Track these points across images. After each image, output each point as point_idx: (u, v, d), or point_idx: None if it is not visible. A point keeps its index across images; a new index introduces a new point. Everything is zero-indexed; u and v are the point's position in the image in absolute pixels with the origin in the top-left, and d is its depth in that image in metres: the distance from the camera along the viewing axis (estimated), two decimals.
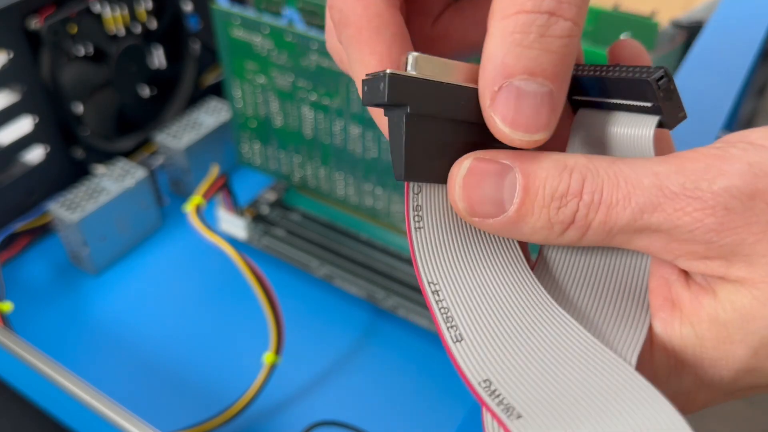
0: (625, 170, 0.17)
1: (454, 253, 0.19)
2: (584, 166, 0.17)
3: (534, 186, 0.17)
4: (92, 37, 0.49)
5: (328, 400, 0.40)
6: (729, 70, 0.35)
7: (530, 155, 0.17)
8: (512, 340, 0.18)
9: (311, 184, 0.49)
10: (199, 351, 0.43)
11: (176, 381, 0.41)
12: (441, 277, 0.19)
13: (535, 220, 0.17)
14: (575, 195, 0.17)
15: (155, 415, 0.38)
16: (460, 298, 0.19)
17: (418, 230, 0.19)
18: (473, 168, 0.18)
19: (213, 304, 0.46)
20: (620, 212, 0.16)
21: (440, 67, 0.18)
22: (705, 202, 0.16)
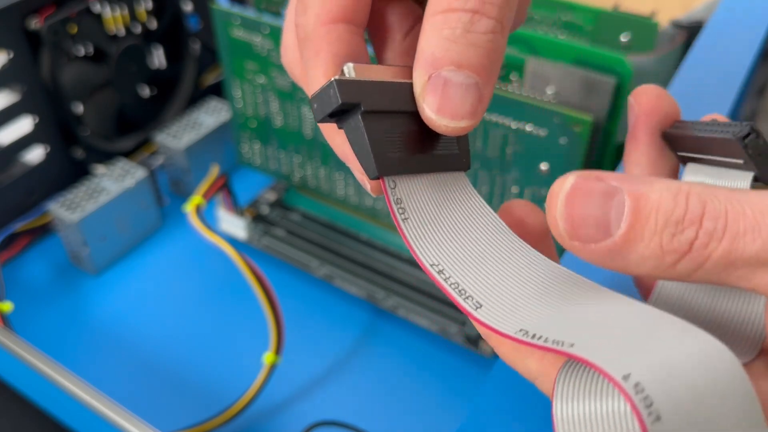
0: (751, 198, 0.15)
1: (443, 231, 0.20)
2: (703, 191, 0.15)
3: (646, 208, 0.15)
4: (92, 37, 0.49)
5: (328, 400, 0.40)
6: (729, 70, 0.35)
7: (640, 178, 0.16)
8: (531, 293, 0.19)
9: (311, 184, 0.49)
10: (199, 351, 0.43)
11: (176, 381, 0.41)
12: (440, 256, 0.19)
13: (644, 247, 0.15)
14: (694, 222, 0.15)
15: (155, 415, 0.38)
16: (464, 270, 0.19)
17: (405, 221, 0.19)
18: (578, 185, 0.16)
19: (213, 304, 0.46)
20: (749, 243, 0.15)
21: (377, 72, 0.19)
22: None
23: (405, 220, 0.19)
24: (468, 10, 0.17)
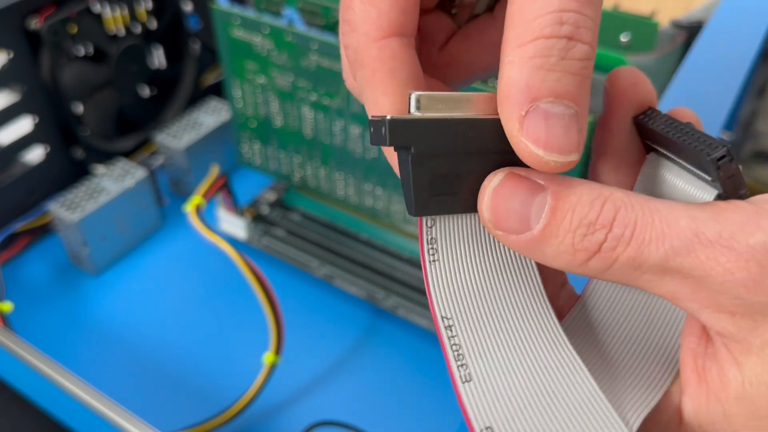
0: (661, 209, 0.16)
1: (470, 288, 0.19)
2: (619, 198, 0.17)
3: (563, 209, 0.17)
4: (92, 37, 0.49)
5: (328, 400, 0.40)
6: (729, 70, 0.35)
7: (566, 179, 0.17)
8: (521, 389, 0.18)
9: (311, 184, 0.49)
10: (199, 351, 0.43)
11: (176, 381, 0.41)
12: (456, 312, 0.19)
13: (558, 243, 0.17)
14: (605, 226, 0.16)
15: (155, 415, 0.38)
16: (473, 336, 0.19)
17: (433, 263, 0.19)
18: (506, 180, 0.18)
19: (213, 304, 0.46)
20: (652, 251, 0.16)
21: (445, 102, 0.18)
22: (740, 255, 0.16)
23: (433, 262, 0.19)
24: (563, 36, 0.16)
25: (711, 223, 0.16)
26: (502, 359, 0.18)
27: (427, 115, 0.17)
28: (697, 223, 0.16)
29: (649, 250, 0.16)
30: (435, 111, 0.17)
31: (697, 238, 0.16)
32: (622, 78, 0.19)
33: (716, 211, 0.16)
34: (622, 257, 0.16)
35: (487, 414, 0.18)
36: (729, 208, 0.16)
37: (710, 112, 0.33)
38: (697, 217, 0.16)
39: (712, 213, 0.16)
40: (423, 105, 0.17)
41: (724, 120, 0.32)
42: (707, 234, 0.16)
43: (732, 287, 0.16)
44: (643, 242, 0.16)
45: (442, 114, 0.17)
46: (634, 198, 0.17)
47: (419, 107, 0.17)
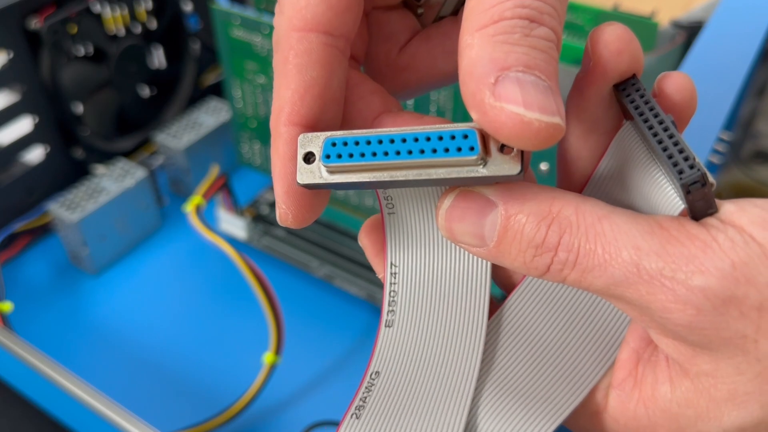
0: (607, 234, 0.16)
1: (421, 246, 0.20)
2: (567, 218, 0.16)
3: (512, 230, 0.17)
4: (92, 37, 0.49)
5: (328, 400, 0.40)
6: (729, 70, 0.35)
7: (519, 193, 0.17)
8: (420, 356, 0.19)
9: None
10: (199, 351, 0.43)
11: (176, 381, 0.41)
12: (403, 263, 0.19)
13: (512, 260, 0.17)
14: (550, 249, 0.16)
15: (155, 415, 0.38)
16: (410, 289, 0.19)
17: (390, 215, 0.19)
18: (457, 202, 0.18)
19: (213, 304, 0.46)
20: (594, 279, 0.16)
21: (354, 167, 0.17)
22: (678, 296, 0.15)
23: (390, 214, 0.19)
24: (524, 17, 0.15)
25: (654, 257, 0.16)
26: (423, 320, 0.19)
27: (338, 181, 0.17)
28: (640, 255, 0.16)
29: (592, 277, 0.16)
30: (348, 174, 0.17)
31: (638, 272, 0.16)
32: (606, 43, 0.17)
33: (662, 242, 0.16)
34: (569, 279, 0.17)
35: (386, 361, 0.19)
36: (677, 239, 0.16)
37: (710, 112, 0.33)
38: (642, 248, 0.16)
39: (658, 244, 0.16)
40: (335, 173, 0.17)
41: (724, 120, 0.32)
42: (648, 269, 0.16)
43: (670, 323, 0.16)
44: (586, 269, 0.16)
45: (354, 178, 0.17)
46: (582, 217, 0.16)
47: (332, 174, 0.17)
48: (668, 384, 0.18)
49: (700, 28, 0.39)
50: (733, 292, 0.15)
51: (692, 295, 0.15)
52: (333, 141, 0.17)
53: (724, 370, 0.16)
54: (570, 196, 0.17)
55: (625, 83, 0.17)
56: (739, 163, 0.54)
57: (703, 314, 0.15)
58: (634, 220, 0.16)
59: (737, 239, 0.15)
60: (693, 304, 0.15)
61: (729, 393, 0.16)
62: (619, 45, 0.17)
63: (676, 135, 0.16)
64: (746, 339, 0.15)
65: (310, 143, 0.17)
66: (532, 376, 0.19)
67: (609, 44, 0.17)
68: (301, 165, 0.17)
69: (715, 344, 0.16)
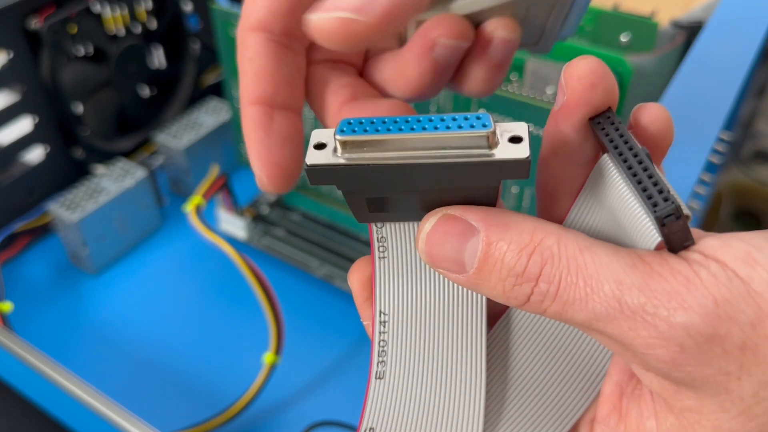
0: (589, 267, 0.16)
1: (413, 291, 0.19)
2: (548, 248, 0.16)
3: (492, 257, 0.17)
4: (92, 37, 0.49)
5: (328, 400, 0.40)
6: (729, 70, 0.35)
7: (501, 220, 0.17)
8: (417, 406, 0.19)
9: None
10: (199, 351, 0.43)
11: (176, 381, 0.41)
12: (394, 310, 0.19)
13: (492, 288, 0.17)
14: (530, 279, 0.16)
15: (155, 415, 0.38)
16: (401, 338, 0.19)
17: (381, 259, 0.19)
18: (438, 226, 0.17)
19: (213, 304, 0.46)
20: (575, 313, 0.16)
21: (372, 145, 0.17)
22: (660, 332, 0.15)
23: (382, 259, 0.19)
24: None
25: (636, 292, 0.15)
26: (417, 369, 0.19)
27: (350, 161, 0.17)
28: (622, 290, 0.15)
29: (573, 310, 0.16)
30: (360, 152, 0.17)
31: (619, 307, 0.15)
32: (579, 78, 0.17)
33: (644, 277, 0.16)
34: (549, 311, 0.16)
35: (380, 415, 0.18)
36: (660, 274, 0.16)
37: (710, 112, 0.33)
38: (624, 283, 0.16)
39: (640, 279, 0.16)
40: (348, 148, 0.17)
41: (724, 119, 0.32)
42: (630, 304, 0.15)
43: (652, 360, 0.16)
44: (567, 302, 0.16)
45: (366, 159, 0.17)
46: (563, 248, 0.16)
47: (345, 149, 0.17)
48: (653, 419, 0.17)
49: (700, 28, 0.39)
50: (716, 330, 0.15)
51: (675, 332, 0.15)
52: (349, 121, 0.17)
53: (708, 407, 0.16)
54: (552, 226, 0.17)
55: (600, 116, 0.17)
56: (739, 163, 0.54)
57: (686, 351, 0.15)
58: (616, 253, 0.16)
59: (720, 275, 0.15)
60: (676, 341, 0.15)
61: (713, 429, 0.16)
62: (593, 79, 0.17)
63: (651, 168, 0.16)
64: (729, 376, 0.15)
65: (322, 136, 0.17)
66: (515, 412, 0.19)
67: (582, 78, 0.17)
68: (311, 151, 0.17)
69: (699, 381, 0.16)
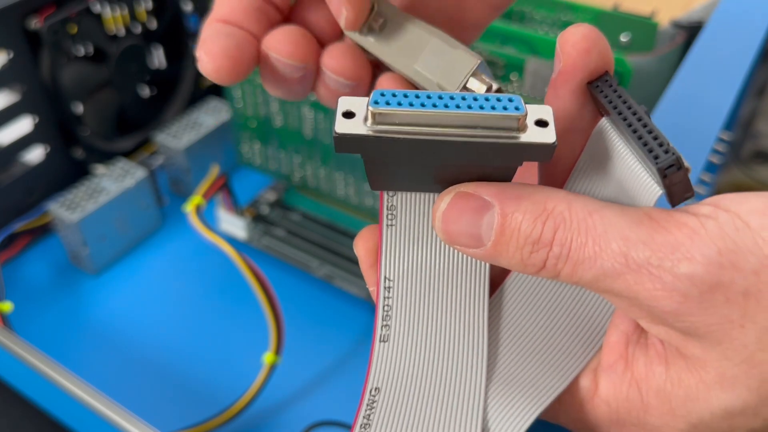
0: (598, 227, 0.17)
1: (418, 258, 0.20)
2: (560, 214, 0.17)
3: (509, 228, 0.17)
4: (92, 37, 0.49)
5: (328, 400, 0.40)
6: (729, 70, 0.35)
7: (514, 193, 0.18)
8: (421, 367, 0.19)
9: (311, 184, 0.49)
10: (199, 351, 0.43)
11: (176, 381, 0.41)
12: (398, 276, 0.19)
13: (510, 258, 0.18)
14: (546, 244, 0.17)
15: (155, 415, 0.38)
16: (406, 304, 0.19)
17: (389, 227, 0.19)
18: (454, 203, 0.18)
19: (213, 304, 0.46)
20: (585, 271, 0.17)
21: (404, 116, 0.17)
22: (665, 283, 0.16)
23: (390, 226, 0.19)
24: None
25: (641, 246, 0.16)
26: (420, 333, 0.19)
27: (377, 133, 0.17)
28: (628, 245, 0.16)
29: (582, 269, 0.17)
30: (389, 124, 0.17)
31: (626, 262, 0.16)
32: (573, 44, 0.18)
33: (650, 232, 0.16)
34: (563, 273, 0.17)
35: (385, 376, 0.19)
36: (665, 228, 0.16)
37: (710, 112, 0.33)
38: (630, 239, 0.16)
39: (645, 234, 0.16)
40: (380, 119, 0.17)
41: (724, 119, 0.32)
42: (636, 258, 0.16)
43: (658, 311, 0.16)
44: (577, 262, 0.17)
45: (397, 132, 0.17)
46: (574, 213, 0.17)
47: (376, 121, 0.17)
48: (663, 365, 0.18)
49: (700, 28, 0.39)
50: (719, 278, 0.15)
51: (678, 283, 0.16)
52: (382, 92, 0.17)
53: (712, 354, 0.16)
54: (562, 193, 0.17)
55: (598, 80, 0.18)
56: (739, 163, 0.54)
57: (690, 301, 0.16)
58: (624, 212, 0.17)
59: (728, 225, 0.16)
60: (679, 291, 0.16)
61: (717, 376, 0.17)
62: (586, 44, 0.18)
63: (650, 124, 0.17)
64: (732, 324, 0.16)
65: (350, 104, 0.17)
66: (517, 366, 0.20)
67: (576, 44, 0.18)
68: (340, 119, 0.17)
69: (702, 330, 0.16)
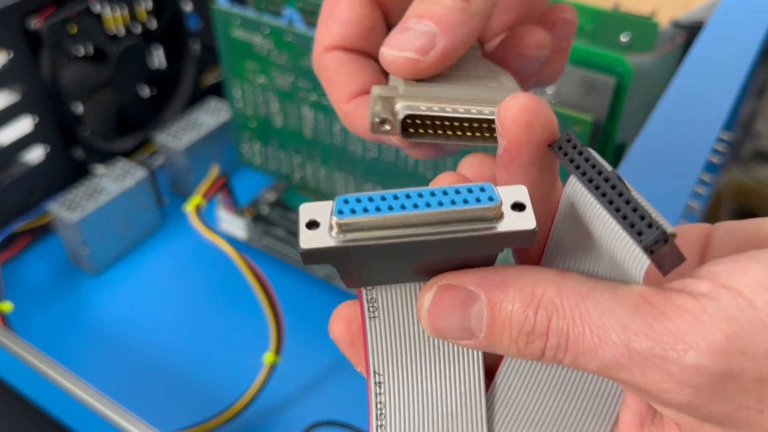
0: (593, 316, 0.16)
1: (407, 350, 0.19)
2: (551, 301, 0.16)
3: (500, 319, 0.17)
4: (92, 37, 0.49)
5: (328, 400, 0.40)
6: (729, 70, 0.35)
7: (499, 280, 0.17)
8: None
9: (311, 184, 0.49)
10: (199, 351, 0.43)
11: (176, 381, 0.41)
12: (388, 370, 0.19)
13: (505, 348, 0.17)
14: (541, 335, 0.16)
15: (155, 415, 0.38)
16: (398, 398, 0.19)
17: (372, 319, 0.18)
18: (438, 298, 0.17)
19: (213, 304, 0.46)
20: (588, 362, 0.16)
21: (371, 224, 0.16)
22: (672, 376, 0.15)
23: (372, 318, 0.18)
24: None
25: (642, 337, 0.15)
26: (417, 425, 0.19)
27: (345, 242, 0.16)
28: (628, 336, 0.15)
29: (585, 360, 0.16)
30: (357, 231, 0.16)
31: (629, 354, 0.15)
32: (513, 119, 0.17)
33: (649, 320, 0.15)
34: (564, 361, 0.16)
35: None
36: (664, 314, 0.15)
37: (710, 111, 0.33)
38: (630, 329, 0.15)
39: (644, 322, 0.15)
40: (347, 229, 0.16)
41: (724, 119, 0.32)
42: (639, 350, 0.15)
43: (669, 402, 0.15)
44: (578, 353, 0.16)
45: (367, 240, 0.16)
46: (565, 299, 0.16)
47: (342, 230, 0.16)
48: None
49: (700, 28, 0.39)
50: (729, 367, 0.15)
51: (687, 375, 0.15)
52: (345, 199, 0.16)
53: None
54: (550, 274, 0.17)
55: (559, 141, 0.17)
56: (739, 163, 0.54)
57: (702, 392, 0.15)
58: (616, 296, 0.16)
59: (730, 307, 0.15)
60: (689, 384, 0.15)
61: None
62: (527, 116, 0.17)
63: (626, 192, 0.15)
64: (750, 410, 0.15)
65: (312, 212, 0.16)
66: None
67: (517, 119, 0.17)
68: (304, 231, 0.16)
69: (719, 418, 0.15)
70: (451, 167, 0.41)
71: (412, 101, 0.20)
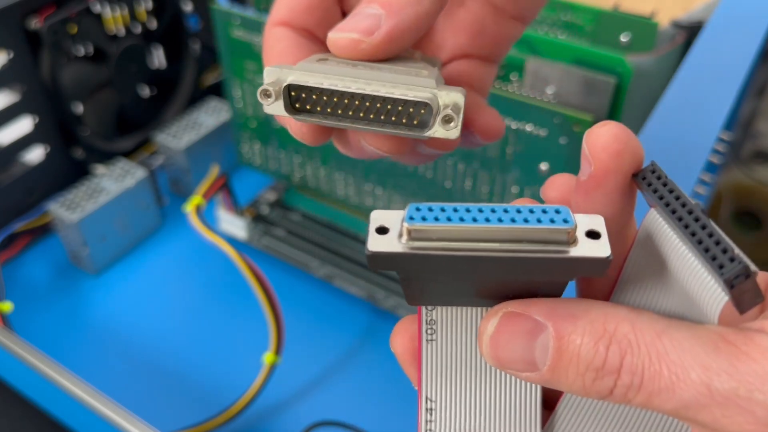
0: (671, 354, 0.15)
1: (462, 378, 0.18)
2: (624, 337, 0.15)
3: (568, 351, 0.16)
4: (92, 37, 0.49)
5: (328, 400, 0.40)
6: (729, 70, 0.35)
7: (567, 310, 0.16)
8: None
9: (311, 184, 0.49)
10: (199, 351, 0.43)
11: (176, 381, 0.41)
12: (441, 397, 0.18)
13: (570, 384, 0.16)
14: (612, 372, 0.15)
15: (155, 415, 0.38)
16: (449, 429, 0.18)
17: (430, 342, 0.18)
18: (502, 326, 0.17)
19: (213, 304, 0.46)
20: (663, 402, 0.15)
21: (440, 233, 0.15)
22: (758, 418, 0.14)
23: (430, 341, 0.18)
24: None
25: (725, 377, 0.15)
26: None
27: (413, 250, 0.15)
28: (710, 375, 0.15)
29: (660, 400, 0.15)
30: (427, 240, 0.15)
31: (710, 394, 0.15)
32: (604, 147, 0.17)
33: (731, 359, 0.15)
34: (635, 401, 0.16)
35: None
36: (747, 354, 0.15)
37: (710, 111, 0.33)
38: (711, 368, 0.15)
39: (726, 361, 0.15)
40: (417, 235, 0.15)
41: (724, 119, 0.32)
42: (721, 390, 0.14)
43: None
44: (653, 393, 0.15)
45: (436, 249, 0.15)
46: (640, 335, 0.15)
47: (412, 237, 0.15)
48: None
49: (700, 28, 0.39)
50: None
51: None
52: (417, 207, 0.15)
53: None
54: (622, 310, 0.16)
55: (643, 171, 0.17)
56: (739, 163, 0.54)
57: None
58: (695, 334, 0.15)
59: None
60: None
61: None
62: (618, 146, 0.17)
63: (709, 225, 0.15)
64: None
65: (383, 218, 0.16)
66: None
67: (608, 146, 0.17)
68: (373, 235, 0.16)
69: None
70: (452, 170, 0.41)
71: (303, 75, 0.19)
